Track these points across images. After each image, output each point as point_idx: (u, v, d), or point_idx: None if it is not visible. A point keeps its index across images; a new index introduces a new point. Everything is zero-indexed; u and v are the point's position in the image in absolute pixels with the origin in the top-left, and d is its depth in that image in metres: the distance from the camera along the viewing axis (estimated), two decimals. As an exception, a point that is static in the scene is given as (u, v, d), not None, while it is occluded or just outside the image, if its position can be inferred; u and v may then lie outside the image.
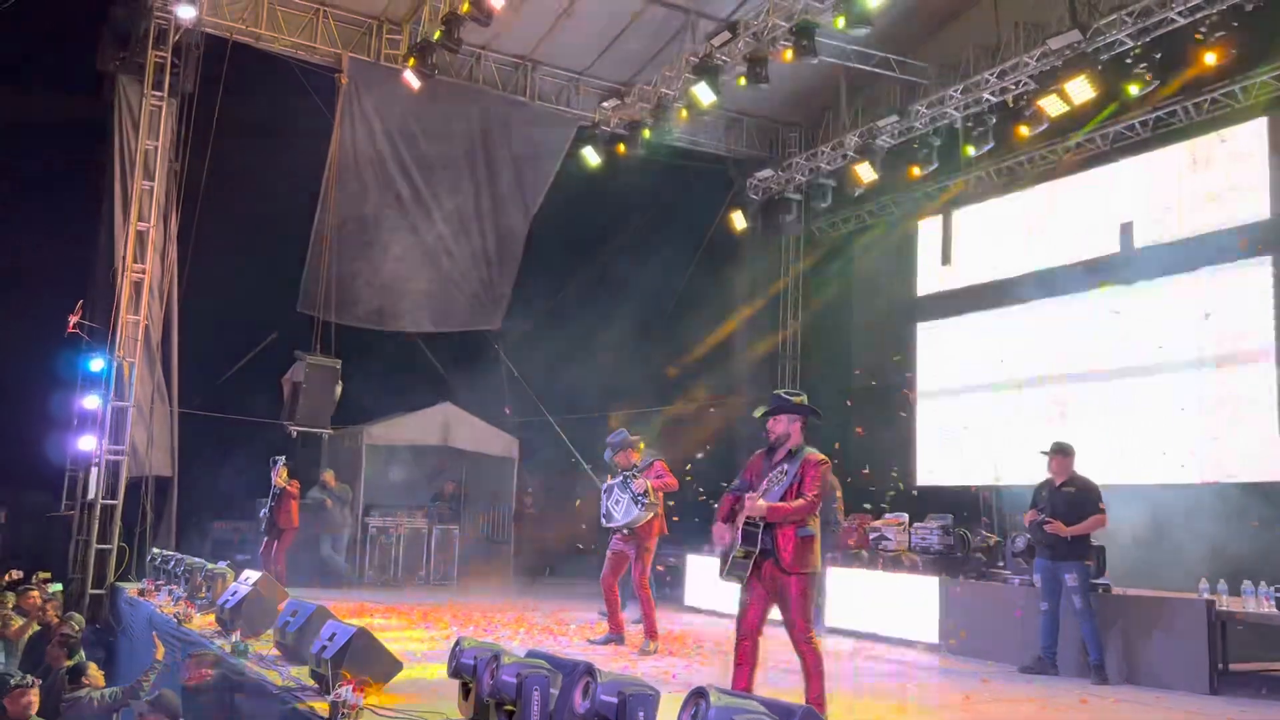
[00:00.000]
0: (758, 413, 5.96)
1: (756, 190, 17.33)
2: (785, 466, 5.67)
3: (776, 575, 5.53)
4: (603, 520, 8.87)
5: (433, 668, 6.90)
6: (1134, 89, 11.69)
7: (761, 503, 5.52)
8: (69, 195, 14.98)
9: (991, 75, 13.31)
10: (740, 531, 5.59)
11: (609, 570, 8.81)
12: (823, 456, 5.70)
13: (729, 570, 5.63)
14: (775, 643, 6.04)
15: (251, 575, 8.67)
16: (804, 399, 5.90)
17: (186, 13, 12.90)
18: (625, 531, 8.62)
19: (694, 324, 16.80)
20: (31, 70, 14.10)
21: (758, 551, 5.52)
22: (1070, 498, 8.05)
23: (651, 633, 8.56)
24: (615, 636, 8.80)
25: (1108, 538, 8.64)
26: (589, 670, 4.07)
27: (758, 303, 17.77)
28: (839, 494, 10.62)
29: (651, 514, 8.51)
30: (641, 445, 8.93)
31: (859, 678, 7.94)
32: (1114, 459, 12.03)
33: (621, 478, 8.71)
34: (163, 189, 13.47)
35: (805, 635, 5.53)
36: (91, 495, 12.89)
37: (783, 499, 5.55)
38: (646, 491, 8.50)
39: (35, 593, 10.52)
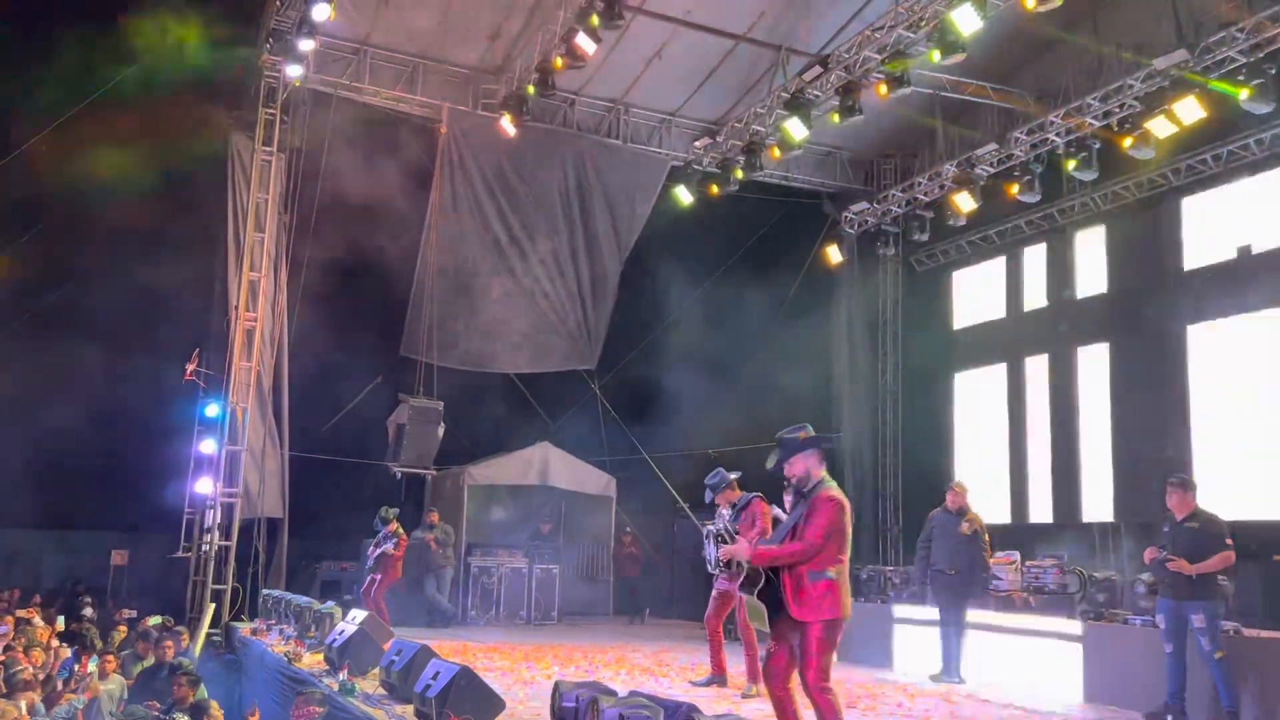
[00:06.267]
0: (769, 463, 5.56)
1: (852, 224, 17.17)
2: (799, 508, 5.34)
3: (792, 622, 5.21)
4: (708, 565, 8.76)
5: (535, 707, 6.89)
6: (1247, 106, 11.22)
7: (744, 544, 5.23)
8: (186, 249, 15.69)
9: (1094, 99, 12.95)
10: (745, 572, 5.31)
11: (713, 611, 8.70)
12: (832, 494, 5.26)
13: (751, 612, 5.38)
14: (892, 688, 5.84)
15: (358, 615, 8.83)
16: (808, 432, 5.50)
17: (295, 71, 13.49)
18: (726, 572, 8.50)
19: (791, 359, 16.63)
20: (153, 130, 14.84)
21: (756, 593, 5.21)
22: (1194, 534, 7.62)
23: (754, 675, 8.39)
24: (717, 678, 8.66)
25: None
26: (691, 712, 4.01)
27: (856, 336, 17.52)
28: (987, 537, 9.51)
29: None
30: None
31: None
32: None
33: (718, 528, 8.60)
34: (273, 239, 14.02)
35: (819, 685, 5.12)
36: (208, 537, 13.34)
37: (783, 540, 5.26)
38: (731, 563, 8.36)
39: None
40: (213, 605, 12.74)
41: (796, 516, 5.27)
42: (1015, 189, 13.99)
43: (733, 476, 8.80)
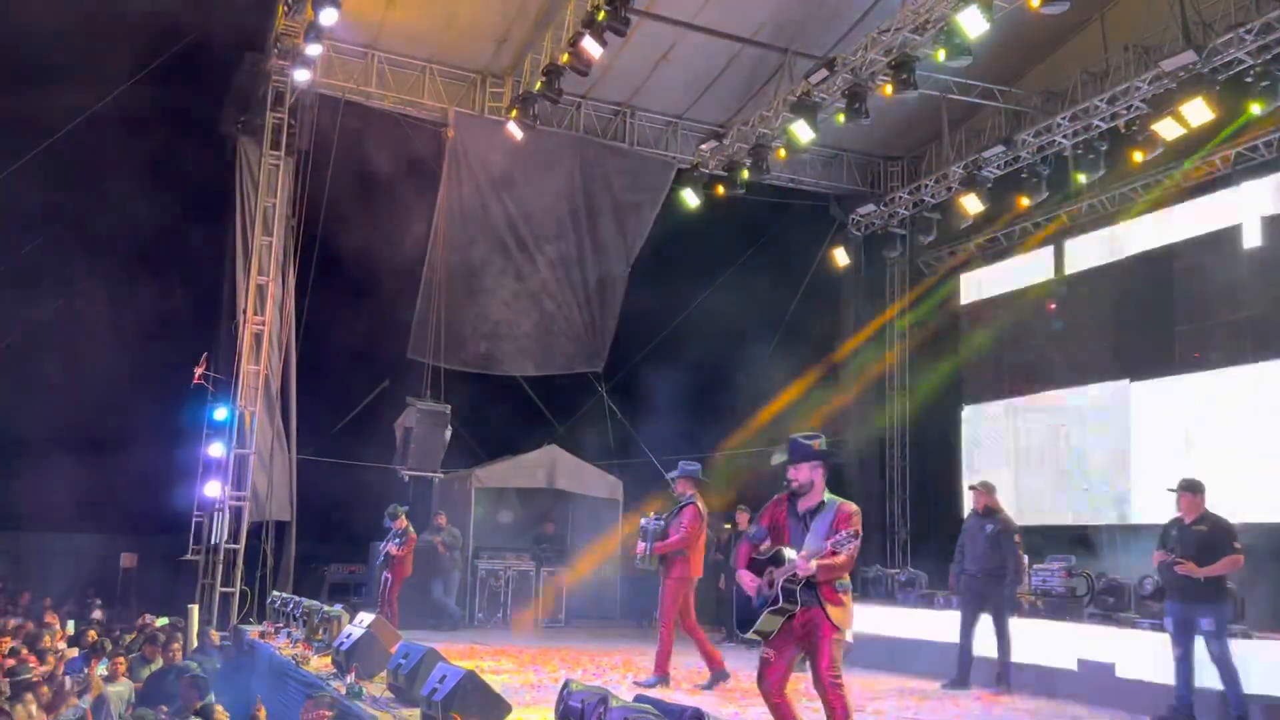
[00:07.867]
0: (775, 460, 5.63)
1: (859, 226, 17.14)
2: (817, 521, 5.38)
3: (813, 630, 5.27)
4: (636, 561, 8.93)
5: (541, 710, 6.90)
6: (1257, 108, 11.19)
7: (814, 563, 5.17)
8: (195, 254, 15.76)
9: (1101, 101, 12.92)
10: (780, 589, 5.23)
11: (679, 611, 8.76)
12: (853, 506, 5.40)
13: (758, 626, 5.31)
14: (898, 691, 5.82)
15: (366, 618, 8.84)
16: (822, 442, 5.57)
17: (302, 75, 13.52)
18: (650, 568, 8.74)
19: (798, 363, 16.61)
20: (160, 136, 14.92)
21: (796, 609, 5.23)
22: (1202, 537, 7.60)
23: (660, 669, 8.52)
24: (719, 675, 8.65)
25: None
26: (697, 715, 4.00)
27: (862, 340, 17.48)
28: (1018, 539, 9.22)
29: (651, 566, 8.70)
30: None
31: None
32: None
33: (650, 524, 8.73)
34: (281, 243, 14.05)
35: (833, 677, 5.25)
36: (216, 540, 13.37)
37: (820, 553, 5.26)
38: (647, 557, 8.64)
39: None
40: (194, 606, 12.77)
41: (827, 530, 5.31)
42: (1022, 191, 13.97)
43: (701, 478, 8.92)
